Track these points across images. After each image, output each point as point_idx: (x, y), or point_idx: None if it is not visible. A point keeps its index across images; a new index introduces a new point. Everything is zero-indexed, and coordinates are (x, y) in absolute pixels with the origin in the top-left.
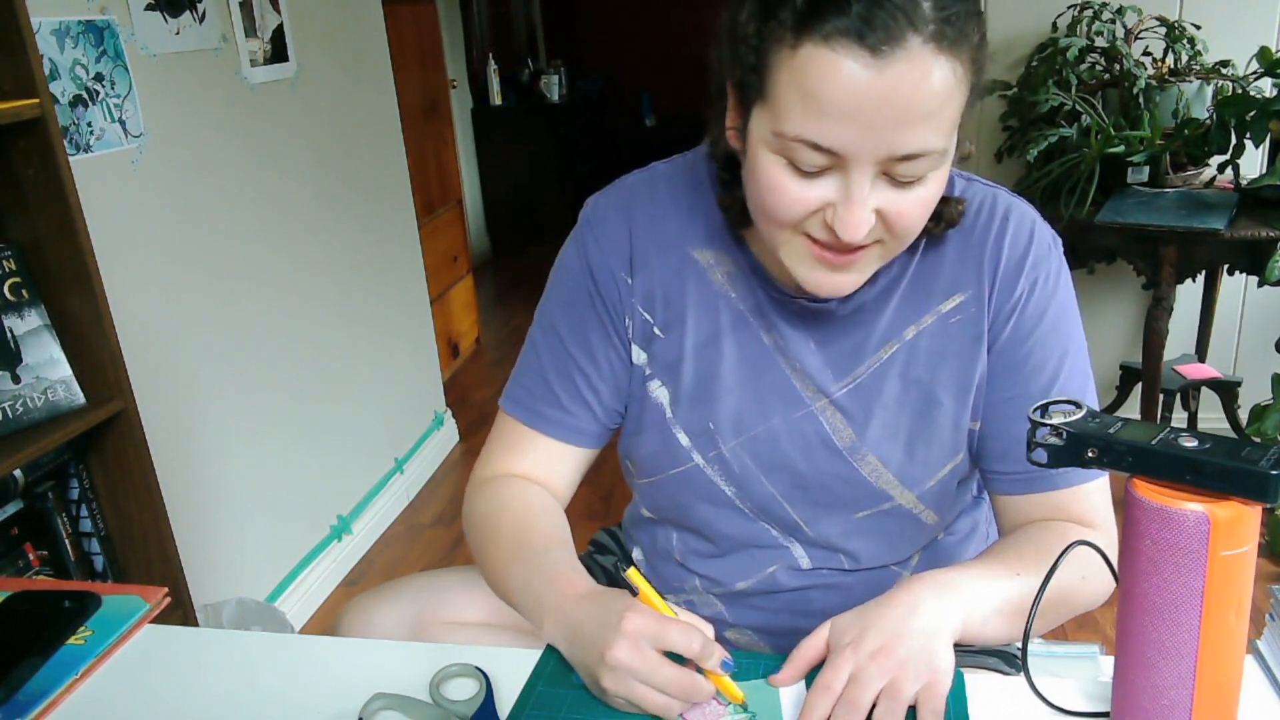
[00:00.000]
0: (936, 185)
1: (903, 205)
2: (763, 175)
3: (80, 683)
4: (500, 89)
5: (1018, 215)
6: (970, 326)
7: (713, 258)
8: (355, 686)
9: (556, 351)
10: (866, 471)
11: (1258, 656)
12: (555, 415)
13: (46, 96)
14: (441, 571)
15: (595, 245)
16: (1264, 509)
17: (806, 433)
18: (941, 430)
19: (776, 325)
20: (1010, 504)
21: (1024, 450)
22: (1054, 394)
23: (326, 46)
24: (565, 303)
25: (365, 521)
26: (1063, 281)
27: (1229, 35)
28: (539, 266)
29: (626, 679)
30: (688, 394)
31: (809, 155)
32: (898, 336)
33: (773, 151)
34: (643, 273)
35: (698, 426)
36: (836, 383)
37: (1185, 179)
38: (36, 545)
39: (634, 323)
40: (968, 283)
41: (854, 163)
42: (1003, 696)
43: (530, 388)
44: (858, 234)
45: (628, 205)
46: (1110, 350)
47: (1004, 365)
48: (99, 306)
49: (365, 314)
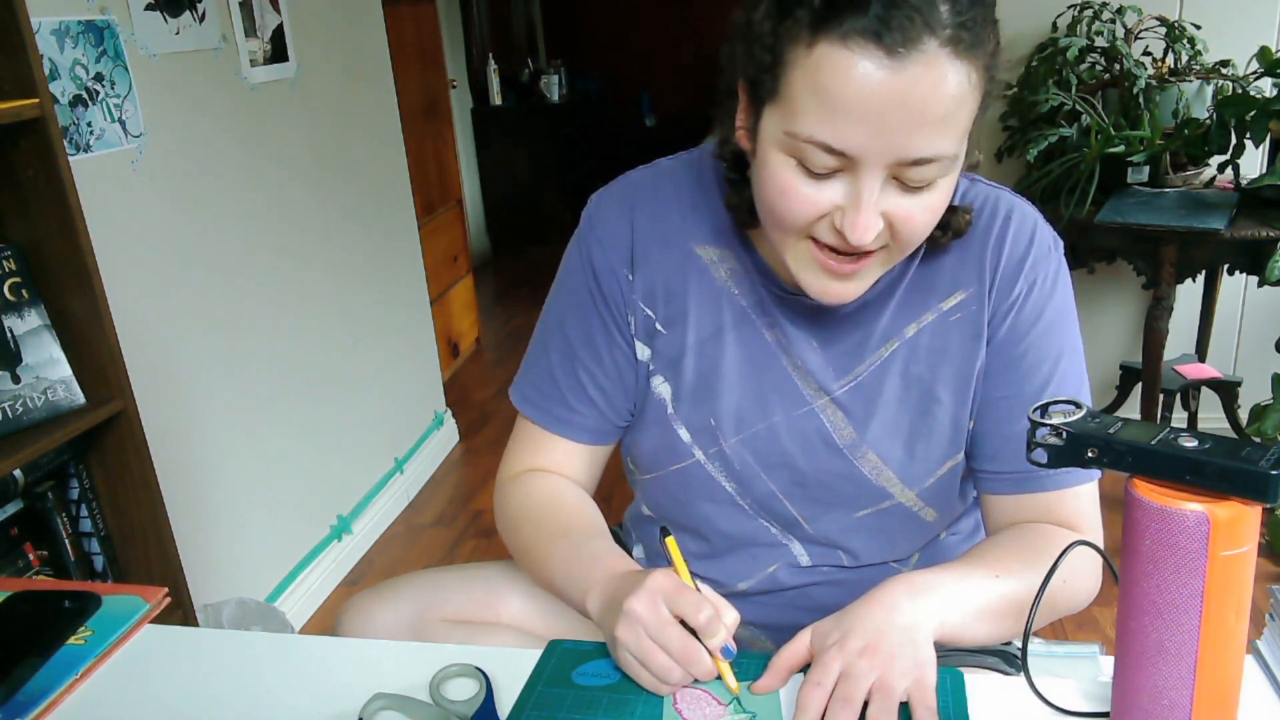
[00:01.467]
0: (944, 192)
1: (911, 211)
2: (773, 176)
3: (80, 683)
4: (500, 89)
5: (1019, 216)
6: (970, 324)
7: (716, 254)
8: (355, 686)
9: (563, 351)
10: (867, 469)
11: (1258, 656)
12: (564, 414)
13: (46, 96)
14: (441, 570)
15: (597, 243)
16: (1264, 509)
17: (807, 430)
18: (941, 428)
19: (779, 323)
20: (998, 504)
21: (1016, 450)
22: (1048, 396)
23: (326, 46)
24: (570, 302)
25: (365, 521)
26: (1061, 283)
27: (1229, 35)
28: (539, 266)
29: (637, 629)
30: (689, 390)
31: (820, 157)
32: (898, 334)
33: (783, 152)
34: (644, 268)
35: (699, 422)
36: (837, 381)
37: (1185, 179)
38: (36, 545)
39: (636, 319)
40: (969, 281)
41: (865, 166)
42: (1003, 696)
43: (539, 386)
44: (866, 237)
45: (630, 201)
46: (1110, 350)
47: (999, 364)
48: (99, 306)
49: (365, 314)
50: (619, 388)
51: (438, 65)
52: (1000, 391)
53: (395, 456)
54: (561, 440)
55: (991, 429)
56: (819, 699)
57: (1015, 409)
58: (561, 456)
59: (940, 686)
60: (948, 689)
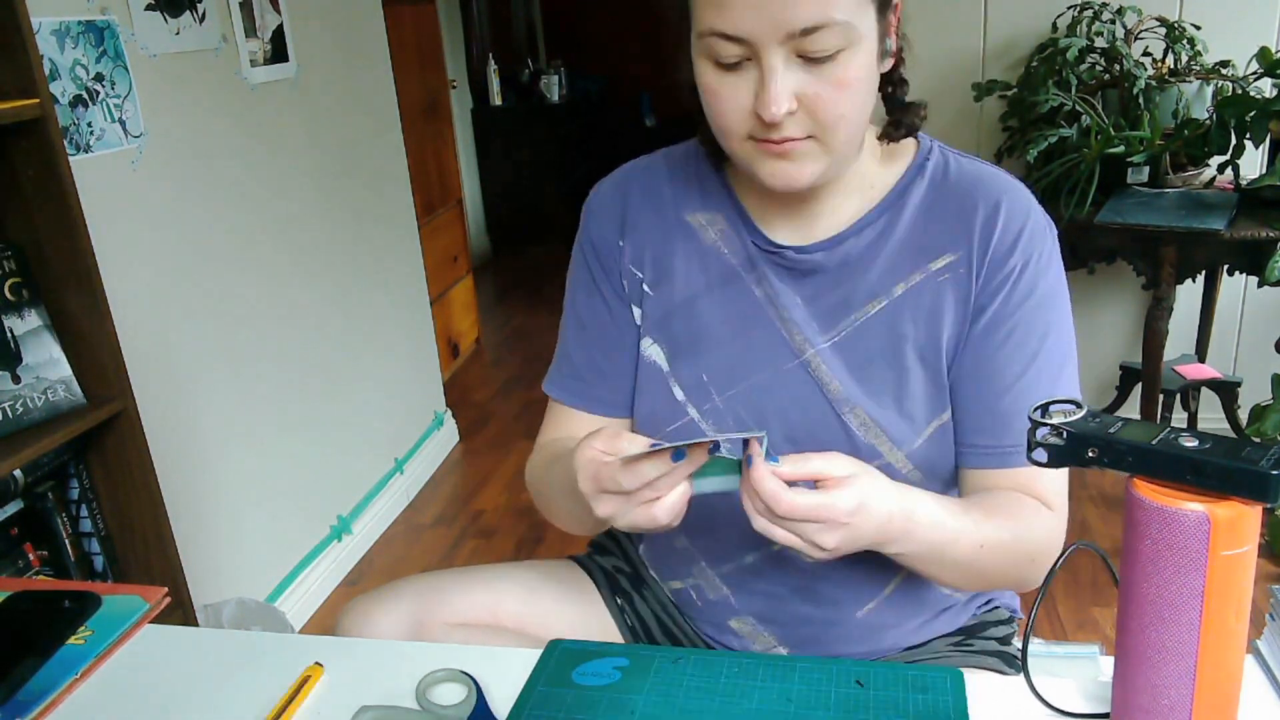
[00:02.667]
0: (857, 68)
1: (820, 88)
2: (700, 83)
3: (80, 683)
4: (500, 89)
5: (1015, 192)
6: (958, 286)
7: (705, 219)
8: (356, 686)
9: (576, 329)
10: (855, 424)
11: (1258, 656)
12: (581, 389)
13: (46, 97)
14: (440, 573)
15: (595, 222)
16: (1264, 509)
17: (797, 384)
18: (927, 386)
19: (767, 278)
20: (976, 477)
21: (995, 425)
22: (1031, 373)
23: (326, 46)
24: (578, 282)
25: (365, 521)
26: (1055, 262)
27: (1229, 35)
28: (539, 266)
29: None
30: (682, 348)
31: (723, 46)
32: (886, 293)
33: (701, 56)
34: (633, 235)
35: (692, 379)
36: (823, 335)
37: (1185, 179)
38: (36, 545)
39: (629, 283)
40: (959, 244)
41: (762, 46)
42: (1002, 696)
43: (560, 366)
44: (778, 110)
45: (625, 181)
46: (1110, 350)
47: (986, 337)
48: (99, 306)
49: (365, 314)
50: (631, 358)
51: (438, 65)
52: (986, 366)
53: (395, 456)
54: (582, 414)
55: (972, 403)
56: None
57: (999, 385)
58: (583, 429)
59: (940, 686)
60: (948, 689)
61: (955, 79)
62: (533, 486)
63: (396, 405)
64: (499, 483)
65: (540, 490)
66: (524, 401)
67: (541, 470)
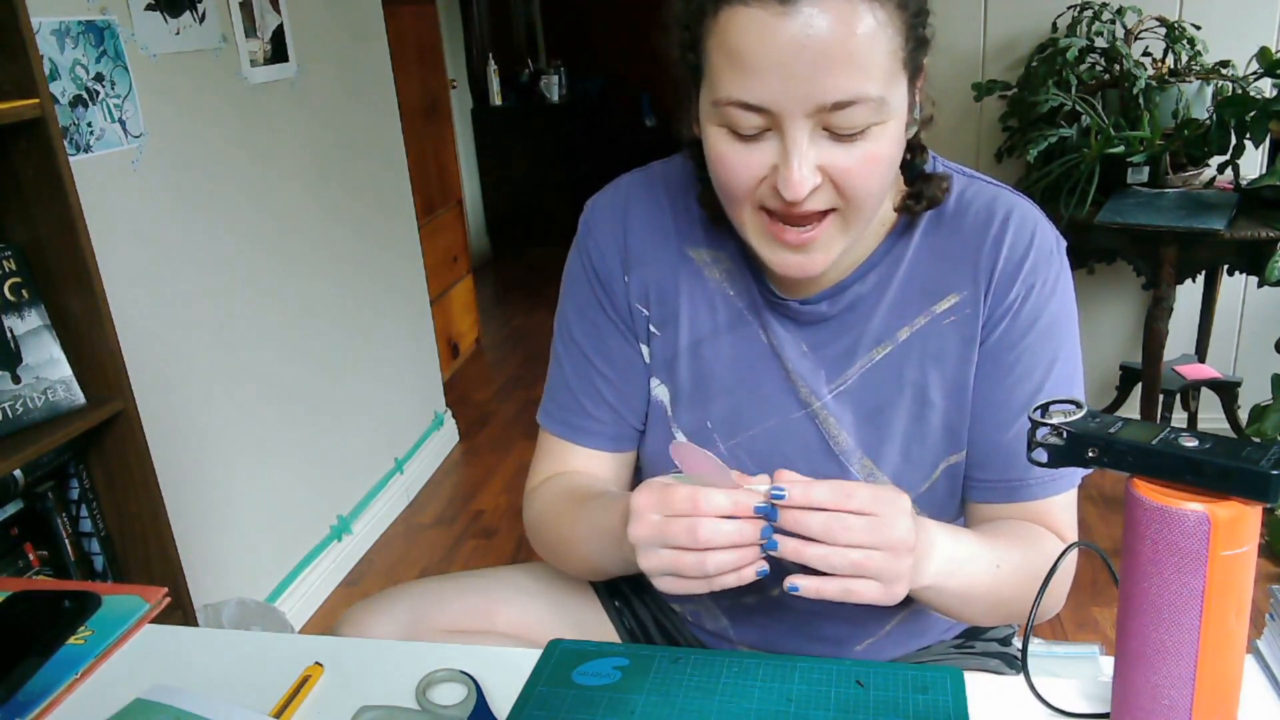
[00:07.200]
0: (886, 143)
1: (848, 162)
2: (711, 149)
3: (80, 683)
4: (500, 89)
5: (1019, 216)
6: (964, 327)
7: (709, 255)
8: (356, 686)
9: (576, 360)
10: (862, 475)
11: (1258, 656)
12: (582, 423)
13: (46, 96)
14: (437, 579)
15: (595, 248)
16: (1264, 509)
17: (804, 435)
18: (935, 431)
19: (771, 325)
20: (983, 512)
21: (1004, 459)
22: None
23: (326, 46)
24: (577, 310)
25: (365, 521)
26: (1061, 287)
27: (1229, 35)
28: (539, 266)
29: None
30: (686, 392)
31: (744, 117)
32: (890, 338)
33: (715, 124)
34: (638, 270)
35: (695, 425)
36: (829, 385)
37: (1185, 179)
38: (36, 545)
39: (636, 321)
40: (963, 283)
41: (786, 118)
42: (1002, 697)
43: (558, 399)
44: (801, 190)
45: (624, 206)
46: (1110, 350)
47: (991, 370)
48: (99, 306)
49: (365, 314)
50: (635, 389)
51: (438, 65)
52: (990, 398)
53: (395, 456)
54: (582, 449)
55: (980, 437)
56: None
57: (1004, 418)
58: (583, 464)
59: (940, 686)
60: (948, 689)
61: (955, 79)
62: (540, 525)
63: (396, 405)
64: (499, 483)
65: (555, 530)
66: (524, 401)
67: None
